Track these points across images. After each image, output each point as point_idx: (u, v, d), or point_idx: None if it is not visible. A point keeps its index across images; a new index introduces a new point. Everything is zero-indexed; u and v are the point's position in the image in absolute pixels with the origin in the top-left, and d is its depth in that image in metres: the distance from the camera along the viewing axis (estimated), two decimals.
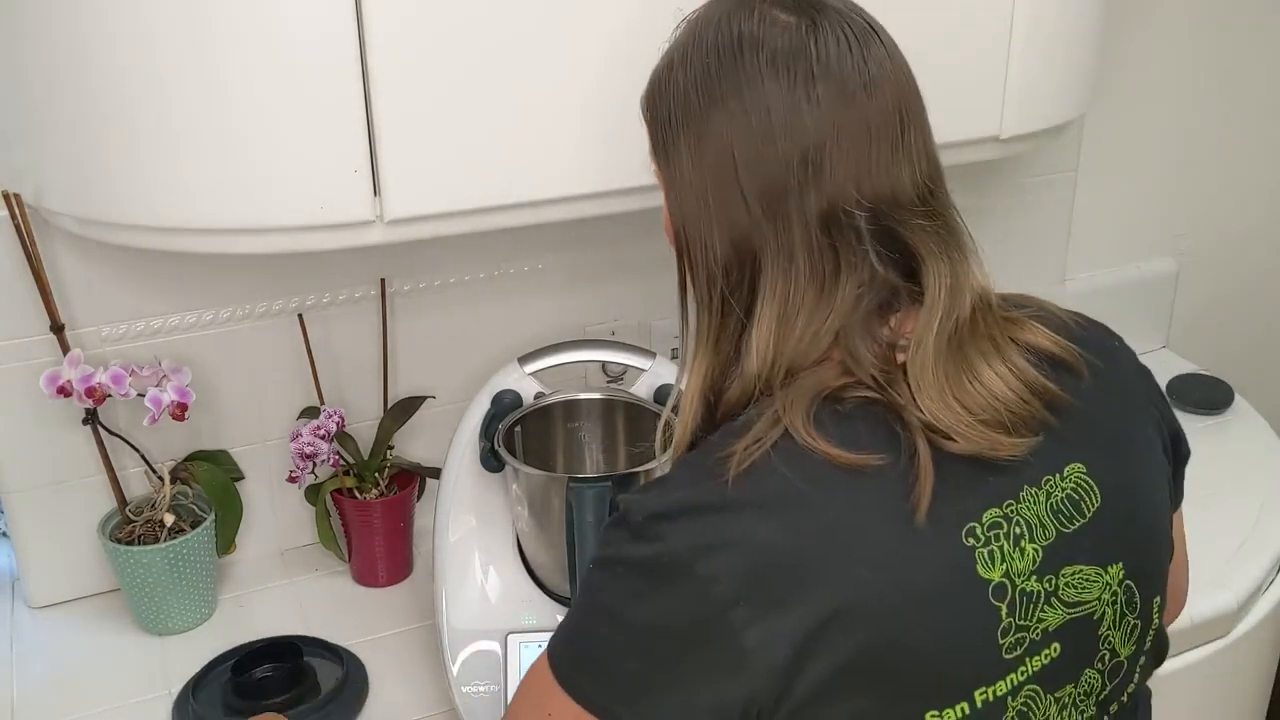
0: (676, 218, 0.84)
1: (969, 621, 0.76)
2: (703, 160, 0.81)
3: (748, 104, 0.79)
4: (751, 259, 0.80)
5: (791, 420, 0.75)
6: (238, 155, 1.06)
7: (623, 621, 0.76)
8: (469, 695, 1.17)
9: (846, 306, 0.78)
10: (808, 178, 0.78)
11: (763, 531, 0.73)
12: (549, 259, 1.51)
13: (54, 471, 1.36)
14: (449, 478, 1.25)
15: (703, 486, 0.75)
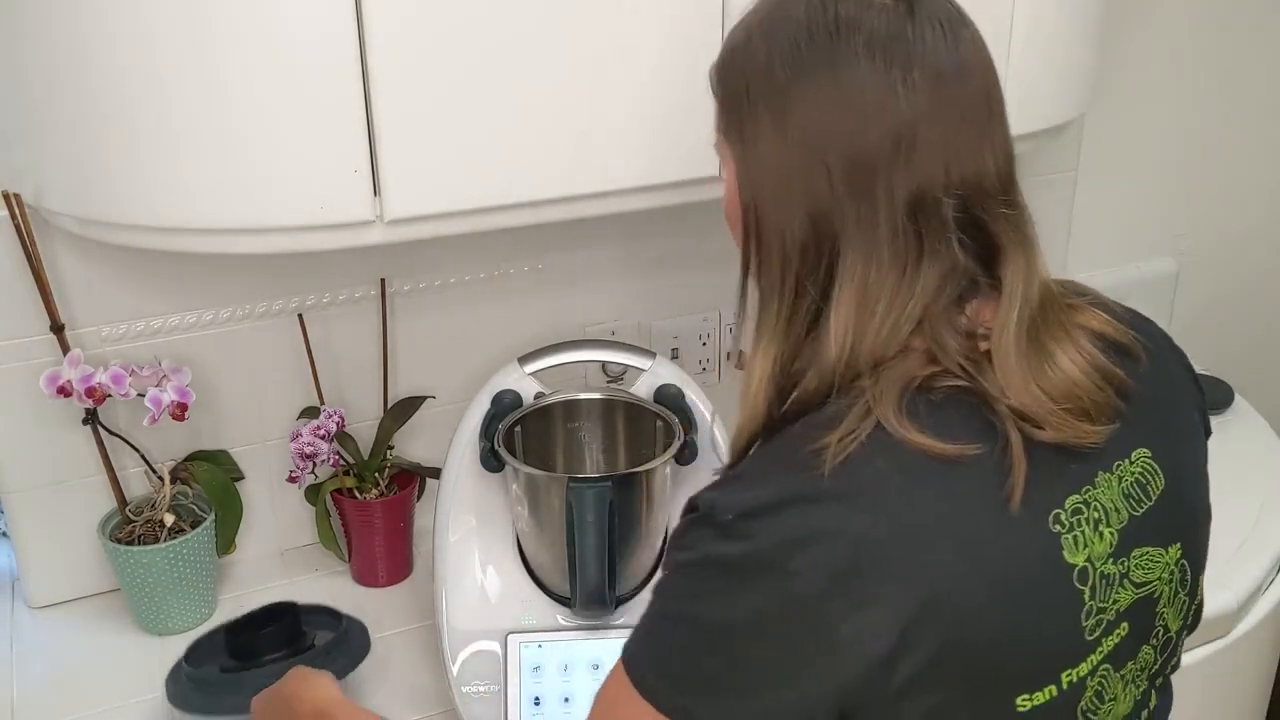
0: (746, 193, 0.82)
1: (1058, 606, 0.77)
2: (786, 135, 0.78)
3: (841, 83, 0.77)
4: (831, 240, 0.78)
5: (883, 411, 0.74)
6: (238, 155, 1.06)
7: (709, 624, 0.74)
8: (469, 695, 1.17)
9: (928, 294, 0.77)
10: (898, 159, 0.76)
11: (860, 525, 0.72)
12: (549, 259, 1.51)
13: (54, 471, 1.36)
14: (449, 478, 1.25)
15: (796, 480, 0.74)
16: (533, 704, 1.16)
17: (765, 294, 0.82)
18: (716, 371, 1.68)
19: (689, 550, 0.76)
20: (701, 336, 1.65)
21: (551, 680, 1.17)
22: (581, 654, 1.18)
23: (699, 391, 1.28)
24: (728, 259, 1.62)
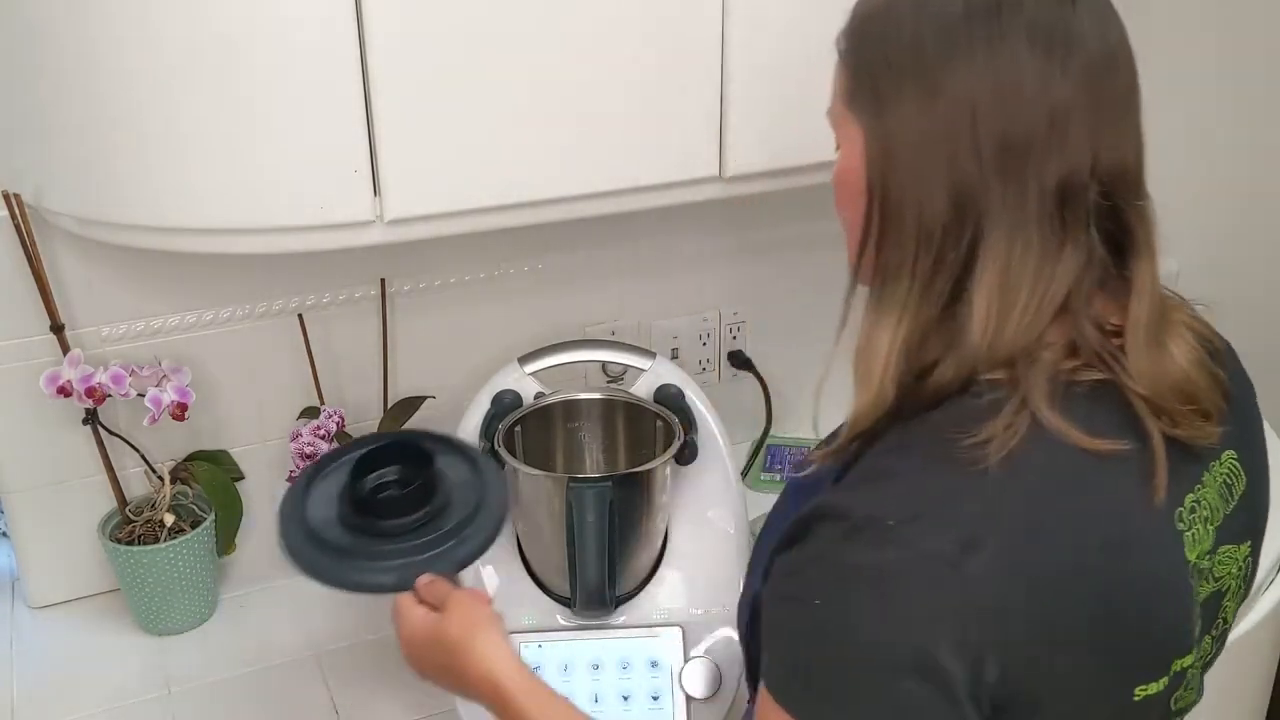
0: (877, 167, 0.80)
1: (1179, 600, 0.79)
2: (933, 109, 0.76)
3: (1000, 63, 0.75)
4: (975, 219, 0.76)
5: (1036, 404, 0.74)
6: (238, 155, 1.06)
7: (879, 643, 0.71)
8: None
9: (1068, 283, 0.76)
10: (1051, 144, 0.75)
11: (1025, 523, 0.72)
12: (549, 259, 1.51)
13: (54, 471, 1.36)
14: None
15: (958, 476, 0.72)
16: None
17: (892, 270, 0.79)
18: (716, 371, 1.68)
19: (851, 565, 0.72)
20: (701, 336, 1.65)
21: (551, 680, 1.16)
22: (581, 654, 1.18)
23: (699, 391, 1.28)
24: (728, 259, 1.63)
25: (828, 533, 0.74)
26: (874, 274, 0.81)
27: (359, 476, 1.02)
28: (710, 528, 1.25)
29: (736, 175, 1.23)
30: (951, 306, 0.77)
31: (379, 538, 0.99)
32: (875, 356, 0.79)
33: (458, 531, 0.99)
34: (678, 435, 1.21)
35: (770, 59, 1.19)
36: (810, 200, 1.63)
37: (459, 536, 0.99)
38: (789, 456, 1.69)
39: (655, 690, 1.16)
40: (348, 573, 0.98)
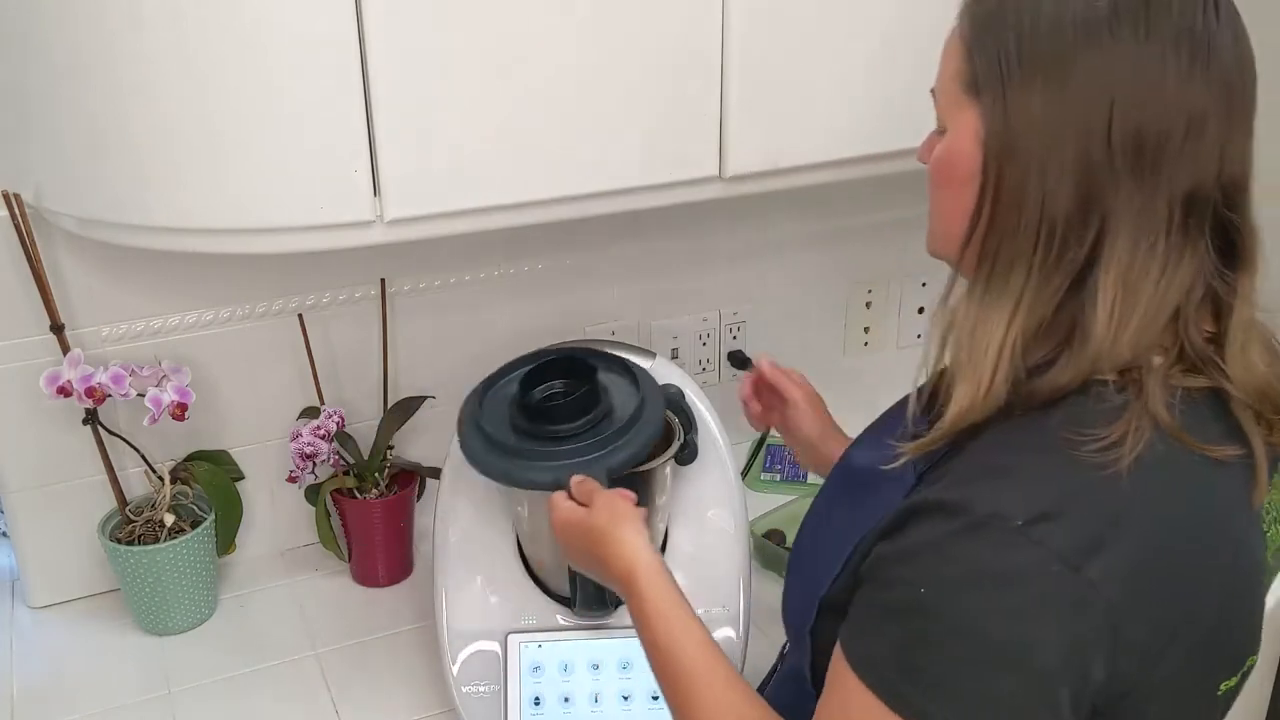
0: (997, 154, 0.78)
1: (1258, 597, 0.82)
2: (1067, 99, 0.75)
3: (1144, 59, 0.74)
4: (1100, 215, 0.75)
5: (1157, 410, 0.74)
6: (238, 156, 1.06)
7: (1000, 642, 0.71)
8: (469, 695, 1.17)
9: (1183, 289, 0.76)
10: (1185, 147, 0.74)
11: (1152, 527, 0.73)
12: (549, 259, 1.51)
13: (54, 471, 1.36)
14: (449, 478, 1.25)
15: (1086, 478, 0.72)
16: (533, 704, 1.16)
17: (1004, 261, 0.78)
18: (716, 371, 1.68)
19: (972, 562, 0.72)
20: (701, 336, 1.65)
21: (551, 680, 1.17)
22: (581, 654, 1.18)
23: (699, 391, 1.28)
24: (728, 259, 1.63)
25: (941, 527, 0.74)
26: (979, 262, 0.80)
27: (529, 388, 1.13)
28: (710, 528, 1.25)
29: (736, 175, 1.23)
30: (1066, 304, 0.77)
31: (543, 441, 1.09)
32: (986, 350, 0.78)
33: (613, 440, 1.09)
34: (678, 435, 1.21)
35: (770, 59, 1.19)
36: (810, 200, 1.64)
37: (613, 445, 1.08)
38: (789, 456, 1.69)
39: (655, 690, 1.16)
40: (511, 470, 1.10)
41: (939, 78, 0.84)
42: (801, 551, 0.97)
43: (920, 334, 1.81)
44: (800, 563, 0.95)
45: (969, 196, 0.80)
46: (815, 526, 0.97)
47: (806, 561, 0.93)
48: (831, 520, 0.93)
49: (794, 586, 0.95)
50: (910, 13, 1.24)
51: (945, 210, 0.84)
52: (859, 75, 1.24)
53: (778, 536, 1.48)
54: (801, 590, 0.91)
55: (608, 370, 1.17)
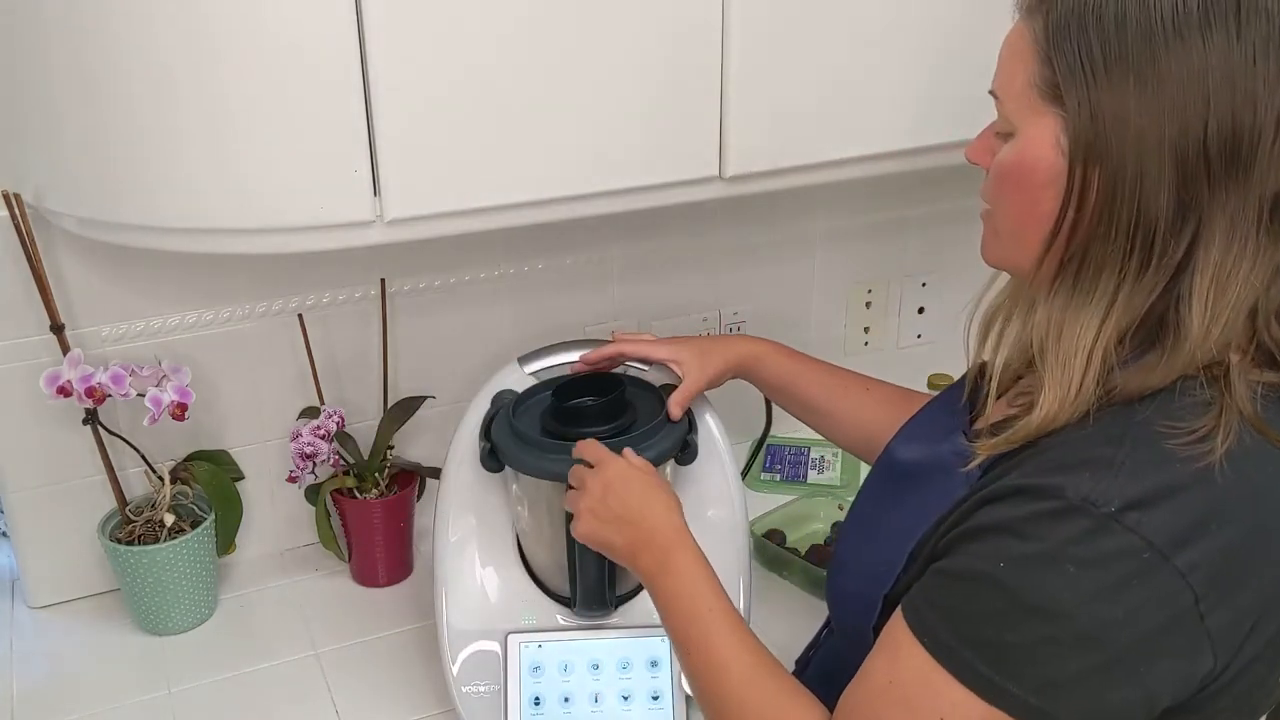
0: (1084, 161, 0.77)
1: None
2: (1159, 101, 0.74)
3: (1235, 61, 0.74)
4: (1196, 216, 0.75)
5: (1244, 405, 0.76)
6: (238, 155, 1.06)
7: (1085, 623, 0.72)
8: (469, 695, 1.17)
9: (1263, 287, 0.77)
10: (1275, 146, 0.74)
11: (1242, 520, 0.74)
12: (549, 259, 1.51)
13: (54, 471, 1.36)
14: (449, 478, 1.25)
15: (1183, 472, 0.74)
16: (533, 704, 1.16)
17: (1093, 265, 0.78)
18: None
19: (1057, 542, 0.73)
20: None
21: (551, 680, 1.17)
22: (581, 654, 1.18)
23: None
24: (728, 259, 1.63)
25: (1026, 508, 0.75)
26: (1061, 267, 0.80)
27: (561, 398, 1.20)
28: (710, 528, 1.25)
29: (736, 175, 1.23)
30: (1160, 303, 0.77)
31: (572, 441, 1.13)
32: (1075, 354, 0.79)
33: (639, 441, 1.14)
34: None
35: (770, 59, 1.19)
36: (810, 200, 1.64)
37: (640, 446, 1.13)
38: (789, 456, 1.69)
39: (655, 690, 1.16)
40: (540, 461, 1.14)
41: (1005, 81, 0.83)
42: (853, 550, 0.97)
43: (920, 334, 1.81)
44: (853, 561, 0.96)
45: (1048, 201, 0.80)
46: (865, 524, 0.97)
47: (862, 560, 0.94)
48: (885, 517, 0.93)
49: (848, 585, 0.95)
50: (911, 13, 1.24)
51: (1017, 216, 0.83)
52: (859, 75, 1.24)
53: (778, 536, 1.48)
54: (860, 588, 0.91)
55: (634, 387, 1.24)
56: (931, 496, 0.87)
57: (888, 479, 0.97)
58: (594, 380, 1.22)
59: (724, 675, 0.91)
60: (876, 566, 0.89)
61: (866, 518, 0.98)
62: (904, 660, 0.78)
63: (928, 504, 0.86)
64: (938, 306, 1.79)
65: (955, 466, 0.86)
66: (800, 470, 1.67)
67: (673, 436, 1.17)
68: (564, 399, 1.20)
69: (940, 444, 0.91)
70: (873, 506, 0.98)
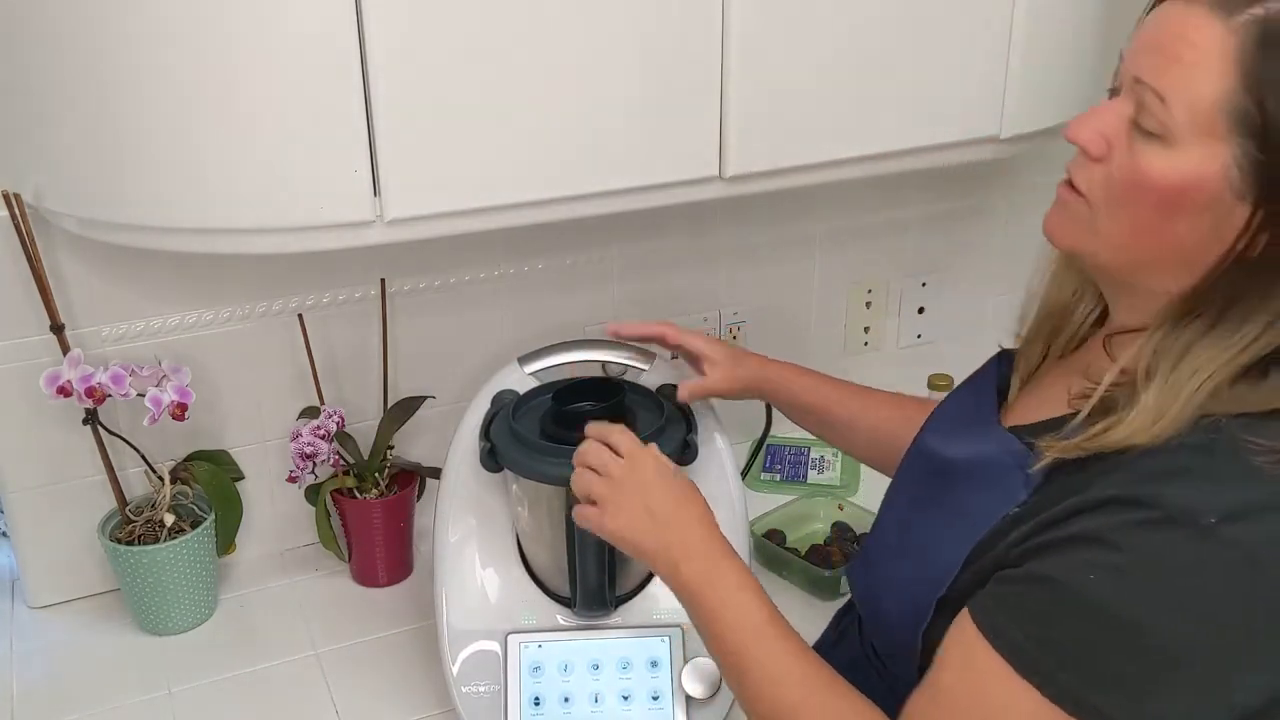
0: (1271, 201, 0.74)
1: None
2: None
3: None
4: None
5: None
6: (239, 156, 1.06)
7: (1169, 633, 0.72)
8: (469, 695, 1.17)
9: None
10: None
11: None
12: (549, 259, 1.51)
13: (54, 471, 1.36)
14: (449, 478, 1.25)
15: (1269, 486, 0.73)
16: (533, 704, 1.16)
17: (1245, 307, 0.77)
18: None
19: (1152, 553, 0.73)
20: None
21: (551, 680, 1.17)
22: (581, 654, 1.18)
23: None
24: (728, 259, 1.63)
25: (1121, 517, 0.74)
26: (1202, 297, 0.79)
27: (561, 402, 1.19)
28: None
29: (736, 175, 1.23)
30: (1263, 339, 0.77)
31: (573, 445, 1.09)
32: (1190, 379, 0.77)
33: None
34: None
35: (770, 59, 1.19)
36: (810, 200, 1.64)
37: None
38: (789, 456, 1.69)
39: (655, 690, 1.16)
40: (539, 464, 1.13)
41: (1177, 84, 0.76)
42: (892, 552, 0.95)
43: (920, 334, 1.81)
44: (894, 564, 0.93)
45: (1185, 226, 0.78)
46: (907, 525, 0.95)
47: (906, 562, 0.91)
48: (931, 517, 0.91)
49: (890, 589, 0.93)
50: (911, 13, 1.24)
51: (1142, 230, 0.80)
52: (859, 75, 1.24)
53: (778, 536, 1.48)
54: (906, 591, 0.89)
55: (634, 393, 1.23)
56: (988, 497, 0.85)
57: (928, 475, 0.95)
58: (594, 385, 1.22)
59: (781, 687, 0.88)
60: (927, 569, 0.87)
61: (906, 517, 0.95)
62: (979, 671, 0.77)
63: (985, 505, 0.84)
64: (938, 306, 1.79)
65: (1013, 467, 0.84)
66: (800, 470, 1.67)
67: (673, 441, 1.17)
68: (564, 403, 1.19)
69: (985, 441, 0.89)
70: (913, 505, 0.95)
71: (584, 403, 1.19)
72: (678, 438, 1.18)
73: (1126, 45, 0.83)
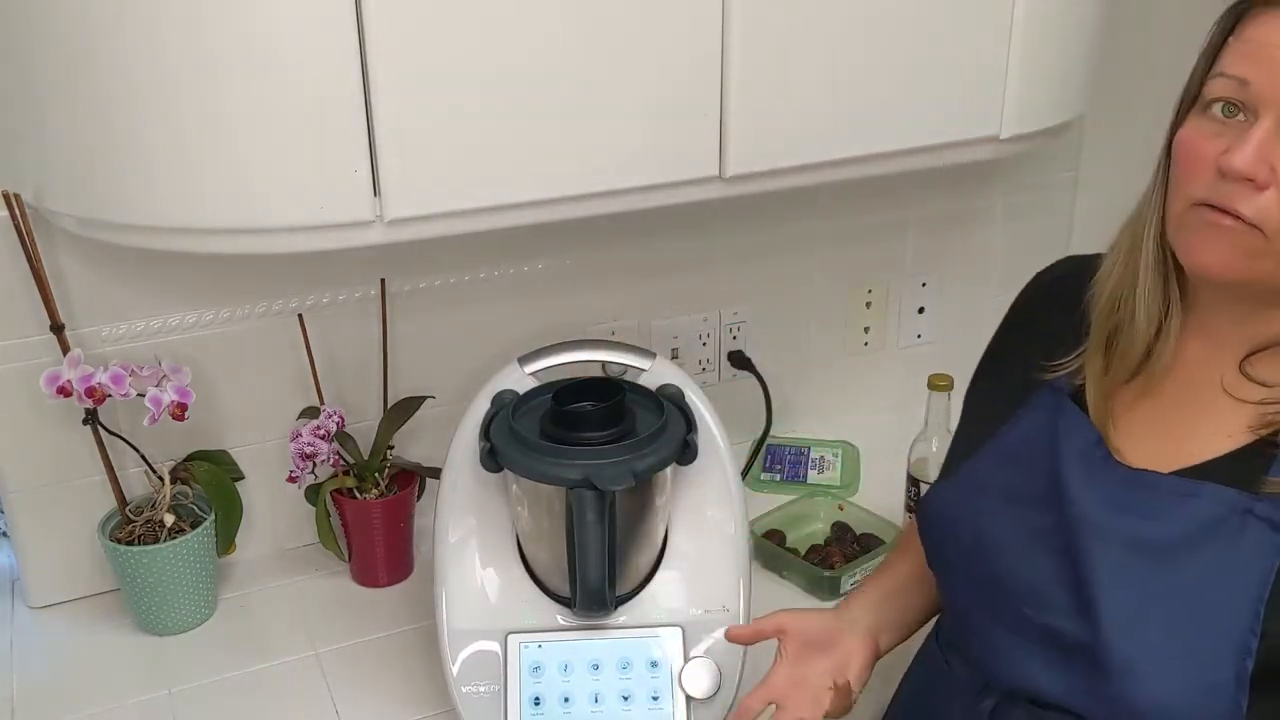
0: None
1: None
2: None
3: None
4: None
5: None
6: (239, 156, 1.06)
7: None
8: (469, 695, 1.17)
9: None
10: None
11: None
12: (549, 259, 1.51)
13: (54, 471, 1.36)
14: (449, 478, 1.25)
15: None
16: (533, 704, 1.16)
17: None
18: (716, 371, 1.68)
19: None
20: (701, 336, 1.65)
21: (551, 680, 1.17)
22: (581, 654, 1.18)
23: (699, 391, 1.28)
24: (728, 259, 1.63)
25: None
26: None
27: (561, 402, 1.19)
28: (710, 528, 1.25)
29: (736, 175, 1.23)
30: None
31: (573, 445, 1.13)
32: None
33: (639, 448, 1.14)
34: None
35: (771, 59, 1.19)
36: (810, 200, 1.64)
37: (642, 451, 1.14)
38: (789, 456, 1.69)
39: (655, 690, 1.16)
40: (539, 465, 1.13)
41: None
42: (1150, 649, 0.87)
43: (920, 334, 1.81)
44: (1159, 662, 0.86)
45: None
46: (1150, 620, 0.87)
47: (1176, 657, 0.86)
48: (1182, 593, 0.86)
49: (1166, 686, 0.86)
50: (911, 13, 1.24)
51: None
52: (859, 75, 1.24)
53: (778, 536, 1.48)
54: (1193, 677, 0.85)
55: (634, 393, 1.23)
56: (1241, 552, 0.83)
57: (1138, 558, 0.88)
58: (594, 385, 1.22)
59: None
60: (1204, 645, 0.84)
61: (1143, 612, 0.88)
62: None
63: (1242, 559, 0.83)
64: (938, 306, 1.79)
65: (1249, 519, 0.83)
66: (800, 470, 1.67)
67: (673, 442, 1.17)
68: (564, 403, 1.19)
69: (1190, 503, 0.86)
70: (1137, 596, 0.88)
71: (584, 403, 1.19)
72: (678, 438, 1.18)
73: (1230, 63, 0.83)
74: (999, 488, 0.98)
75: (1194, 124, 0.86)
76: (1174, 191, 0.87)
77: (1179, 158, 0.87)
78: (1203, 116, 0.85)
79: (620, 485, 1.09)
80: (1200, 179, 0.84)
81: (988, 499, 0.98)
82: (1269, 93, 0.79)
